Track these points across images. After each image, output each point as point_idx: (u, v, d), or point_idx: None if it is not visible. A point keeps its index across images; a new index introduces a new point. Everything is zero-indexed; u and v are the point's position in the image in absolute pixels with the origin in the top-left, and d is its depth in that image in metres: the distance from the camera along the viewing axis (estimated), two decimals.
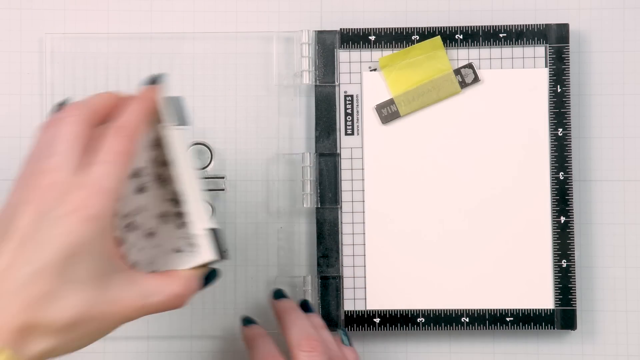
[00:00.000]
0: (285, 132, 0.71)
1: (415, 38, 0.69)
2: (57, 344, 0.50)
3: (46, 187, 0.50)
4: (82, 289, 0.50)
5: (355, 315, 0.69)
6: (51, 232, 0.49)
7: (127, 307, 0.53)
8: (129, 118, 0.53)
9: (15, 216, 0.50)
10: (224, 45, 0.71)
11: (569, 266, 0.68)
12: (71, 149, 0.51)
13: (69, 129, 0.52)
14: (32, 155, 0.53)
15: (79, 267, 0.50)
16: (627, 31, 0.71)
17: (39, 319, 0.49)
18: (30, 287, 0.49)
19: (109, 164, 0.51)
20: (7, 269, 0.49)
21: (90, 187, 0.50)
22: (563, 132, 0.69)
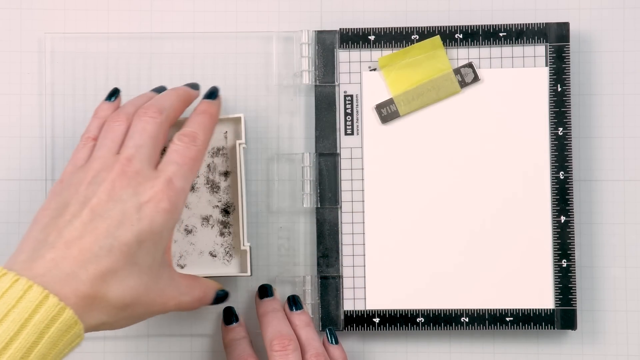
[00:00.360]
0: (285, 132, 0.71)
1: (415, 38, 0.69)
2: (109, 320, 0.54)
3: (126, 172, 0.56)
4: (142, 274, 0.55)
5: (355, 315, 0.69)
6: (130, 213, 0.54)
7: (169, 301, 0.58)
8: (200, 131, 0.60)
9: (93, 190, 0.55)
10: (224, 45, 0.71)
11: (569, 266, 0.68)
12: (151, 146, 0.58)
13: (150, 128, 0.58)
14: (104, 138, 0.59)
15: (144, 254, 0.55)
16: (627, 31, 0.71)
17: (103, 293, 0.52)
18: (102, 261, 0.52)
19: (182, 167, 0.57)
20: (83, 235, 0.53)
21: (165, 183, 0.56)
22: (563, 132, 0.69)
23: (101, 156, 0.57)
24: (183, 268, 0.67)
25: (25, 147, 0.71)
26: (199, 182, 0.67)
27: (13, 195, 0.70)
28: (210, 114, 0.62)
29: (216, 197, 0.67)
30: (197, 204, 0.67)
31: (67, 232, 0.53)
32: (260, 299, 0.69)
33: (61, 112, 0.71)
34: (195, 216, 0.67)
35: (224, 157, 0.68)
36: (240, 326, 0.69)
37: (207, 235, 0.67)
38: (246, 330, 0.69)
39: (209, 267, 0.67)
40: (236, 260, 0.67)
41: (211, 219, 0.67)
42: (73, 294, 0.51)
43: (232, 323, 0.68)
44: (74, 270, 0.52)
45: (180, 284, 0.60)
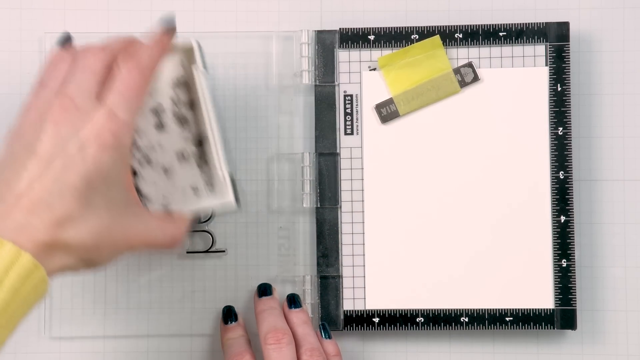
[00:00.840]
0: (285, 132, 0.71)
1: (414, 37, 0.69)
2: (73, 262, 0.53)
3: (67, 109, 0.53)
4: (99, 215, 0.53)
5: (355, 314, 0.69)
6: (74, 154, 0.52)
7: (134, 238, 0.56)
8: (143, 56, 0.56)
9: (40, 132, 0.53)
10: (224, 45, 0.71)
11: (569, 266, 0.68)
12: (92, 79, 0.55)
13: (90, 63, 0.55)
14: (48, 79, 0.56)
15: (98, 194, 0.53)
16: (627, 31, 0.71)
17: (60, 239, 0.51)
18: (54, 207, 0.51)
19: (124, 97, 0.54)
20: (32, 184, 0.52)
21: (107, 116, 0.53)
22: (563, 131, 0.69)
23: (42, 96, 0.55)
24: (168, 207, 0.63)
25: None
26: (167, 117, 0.63)
27: None
28: (160, 43, 0.58)
29: (187, 129, 0.63)
30: (169, 140, 0.63)
31: (15, 184, 0.52)
32: (258, 297, 0.69)
33: None
34: (170, 153, 0.63)
35: (185, 86, 0.63)
36: (239, 325, 0.69)
37: (185, 171, 0.63)
38: (245, 330, 0.69)
39: (193, 202, 0.63)
40: (219, 191, 0.63)
41: (186, 153, 0.63)
42: (30, 242, 0.50)
43: (231, 322, 0.68)
44: (28, 220, 0.51)
45: (148, 221, 0.58)
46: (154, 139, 0.63)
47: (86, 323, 0.70)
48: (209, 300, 0.70)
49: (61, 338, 0.70)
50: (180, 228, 0.60)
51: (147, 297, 0.71)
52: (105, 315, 0.70)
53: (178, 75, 0.63)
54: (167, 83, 0.63)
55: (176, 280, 0.71)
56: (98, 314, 0.70)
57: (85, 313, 0.70)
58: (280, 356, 0.62)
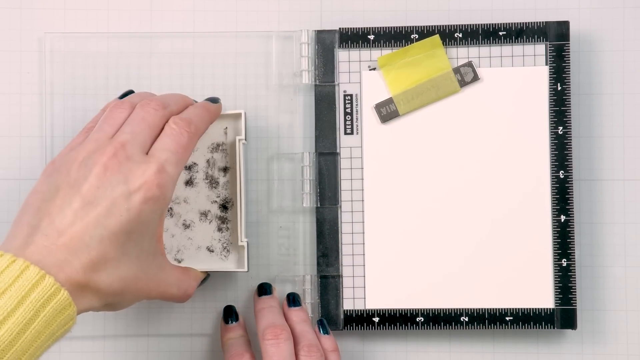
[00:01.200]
0: (284, 132, 0.71)
1: (414, 37, 0.69)
2: (97, 305, 0.55)
3: (118, 156, 0.55)
4: (131, 263, 0.55)
5: (355, 314, 0.69)
6: (118, 200, 0.54)
7: (154, 289, 0.58)
8: (195, 119, 0.60)
9: (89, 174, 0.55)
10: (224, 45, 0.71)
11: (569, 265, 0.68)
12: (147, 134, 0.57)
13: (150, 118, 0.58)
14: (104, 124, 0.58)
15: (133, 243, 0.55)
16: (627, 31, 0.71)
17: (94, 281, 0.53)
18: (93, 250, 0.53)
19: (174, 154, 0.57)
20: (75, 223, 0.53)
21: (156, 170, 0.56)
22: (563, 131, 0.69)
23: (96, 139, 0.57)
24: (180, 262, 0.67)
25: (25, 146, 0.71)
26: (198, 177, 0.68)
27: (13, 195, 0.71)
28: (208, 109, 0.63)
29: (215, 192, 0.68)
30: (195, 199, 0.68)
31: (58, 219, 0.53)
32: (258, 296, 0.69)
33: (61, 111, 0.71)
34: (194, 211, 0.68)
35: (223, 152, 0.68)
36: (240, 326, 0.69)
37: (205, 230, 0.68)
38: (245, 330, 0.69)
39: (206, 262, 0.67)
40: (233, 256, 0.68)
41: (209, 214, 0.68)
42: (66, 280, 0.52)
43: (232, 322, 0.68)
44: (67, 258, 0.52)
45: (170, 274, 0.60)
46: (182, 194, 0.67)
47: (86, 323, 0.70)
48: (209, 300, 0.70)
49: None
50: (194, 284, 0.63)
51: None
52: (105, 315, 0.70)
53: (219, 141, 0.68)
54: (207, 145, 0.67)
55: None
56: (98, 313, 0.70)
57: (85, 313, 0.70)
58: (278, 351, 0.63)
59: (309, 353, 0.64)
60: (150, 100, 0.60)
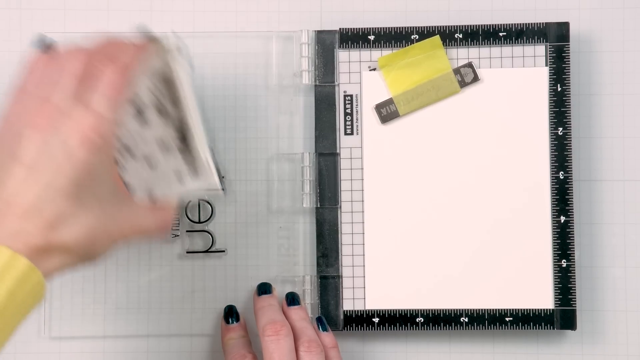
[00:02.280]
0: (284, 132, 0.71)
1: (414, 37, 0.69)
2: (70, 260, 0.53)
3: (49, 112, 0.53)
4: (91, 212, 0.53)
5: (355, 315, 0.69)
6: (60, 157, 0.52)
7: (127, 228, 0.57)
8: (124, 56, 0.56)
9: (20, 138, 0.53)
10: (224, 45, 0.71)
11: (569, 266, 0.68)
12: (71, 81, 0.54)
13: (70, 65, 0.55)
14: (30, 84, 0.56)
15: (87, 192, 0.53)
16: (627, 31, 0.71)
17: (54, 241, 0.52)
18: (45, 210, 0.51)
19: (107, 96, 0.54)
20: (21, 190, 0.52)
21: (91, 115, 0.53)
22: (563, 131, 0.69)
23: (23, 101, 0.55)
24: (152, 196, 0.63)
25: None
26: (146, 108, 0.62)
27: None
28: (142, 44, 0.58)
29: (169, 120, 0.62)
30: (150, 130, 0.62)
31: (4, 192, 0.52)
32: (258, 296, 0.69)
33: None
34: (152, 143, 0.63)
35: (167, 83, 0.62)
36: (240, 326, 0.69)
37: (168, 159, 0.63)
38: (246, 330, 0.69)
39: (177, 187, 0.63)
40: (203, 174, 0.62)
41: (168, 142, 0.63)
42: (25, 247, 0.51)
43: (232, 322, 0.68)
44: (21, 226, 0.51)
45: (138, 210, 0.58)
46: (134, 129, 0.62)
47: (86, 323, 0.70)
48: (209, 300, 0.71)
49: (61, 338, 0.71)
50: (168, 213, 0.60)
51: (147, 297, 0.71)
52: (105, 315, 0.70)
53: (160, 71, 0.62)
54: (150, 78, 0.62)
55: (176, 280, 0.71)
56: (98, 314, 0.70)
57: (85, 313, 0.70)
58: (278, 347, 0.63)
59: (309, 349, 0.64)
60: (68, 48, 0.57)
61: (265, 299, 0.68)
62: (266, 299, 0.68)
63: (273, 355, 0.62)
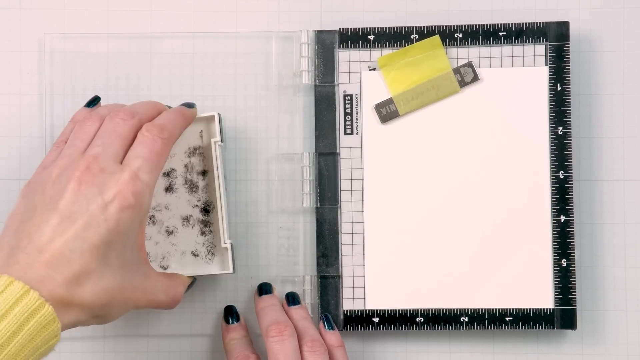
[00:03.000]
0: (284, 132, 0.71)
1: (414, 37, 0.69)
2: (83, 318, 0.54)
3: (92, 169, 0.55)
4: (115, 274, 0.55)
5: (355, 314, 0.69)
6: (96, 212, 0.54)
7: (142, 298, 0.59)
8: (168, 124, 0.60)
9: (59, 190, 0.55)
10: (224, 45, 0.71)
11: (569, 266, 0.68)
12: (118, 143, 0.57)
13: (119, 127, 0.58)
14: (74, 139, 0.59)
15: (114, 254, 0.55)
16: (627, 31, 0.71)
17: (76, 295, 0.53)
18: (74, 264, 0.53)
19: (147, 161, 0.57)
20: (54, 239, 0.53)
21: (130, 178, 0.56)
22: (563, 131, 0.69)
23: (68, 155, 0.57)
24: (166, 269, 0.67)
25: (25, 146, 0.71)
26: (178, 182, 0.67)
27: (13, 195, 0.70)
28: (183, 113, 0.63)
29: (195, 196, 0.67)
30: (176, 204, 0.67)
31: (37, 237, 0.53)
32: (259, 296, 0.69)
33: (61, 112, 0.71)
34: (176, 217, 0.67)
35: (200, 156, 0.67)
36: (241, 326, 0.69)
37: (188, 235, 0.67)
38: (247, 330, 0.69)
39: (191, 267, 0.67)
40: (218, 259, 0.67)
41: (191, 219, 0.67)
42: (49, 295, 0.52)
43: (233, 322, 0.68)
44: (49, 273, 0.52)
45: (155, 281, 0.60)
46: (162, 200, 0.67)
47: None
48: (208, 301, 0.70)
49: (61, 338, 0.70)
50: (181, 290, 0.63)
51: None
52: None
53: (195, 144, 0.67)
54: (184, 150, 0.67)
55: None
56: None
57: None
58: (283, 348, 0.62)
59: (312, 348, 0.64)
60: (119, 110, 0.60)
61: (267, 299, 0.68)
62: (267, 299, 0.68)
63: (278, 356, 0.62)
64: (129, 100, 0.68)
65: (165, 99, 0.70)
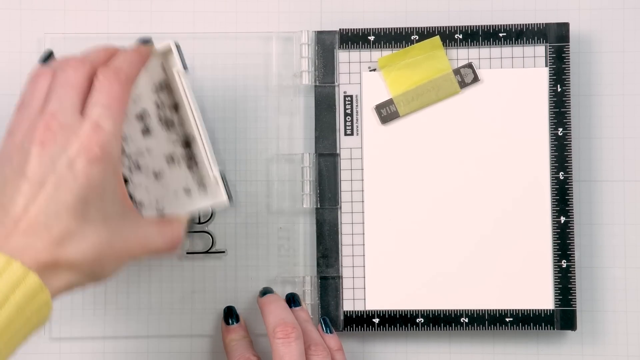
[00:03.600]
0: (284, 133, 0.71)
1: (414, 38, 0.69)
2: (78, 279, 0.53)
3: (51, 127, 0.53)
4: (97, 229, 0.53)
5: (355, 315, 0.69)
6: (65, 173, 0.52)
7: (135, 247, 0.56)
8: (124, 65, 0.56)
9: (27, 155, 0.53)
10: (224, 45, 0.71)
11: (569, 266, 0.68)
12: (73, 94, 0.54)
13: (71, 77, 0.55)
14: (30, 98, 0.56)
15: (93, 207, 0.53)
16: (627, 31, 0.71)
17: (61, 257, 0.52)
18: (52, 227, 0.52)
19: (107, 108, 0.54)
20: (28, 207, 0.52)
21: (92, 129, 0.53)
22: (563, 132, 0.69)
23: (26, 116, 0.55)
24: (163, 211, 0.64)
25: None
26: (152, 122, 0.63)
27: None
28: (138, 51, 0.59)
29: (173, 132, 0.63)
30: (157, 145, 0.63)
31: (11, 208, 0.52)
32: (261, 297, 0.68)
33: None
34: (159, 158, 0.63)
35: (168, 89, 0.63)
36: (241, 327, 0.69)
37: (176, 173, 0.64)
38: (247, 330, 0.69)
39: (187, 204, 0.64)
40: (212, 190, 0.63)
41: (175, 156, 0.64)
42: (33, 262, 0.50)
43: (233, 323, 0.68)
44: (28, 241, 0.51)
45: (147, 228, 0.58)
46: (142, 144, 0.63)
47: (86, 323, 0.70)
48: (208, 301, 0.70)
49: (61, 339, 0.71)
50: (178, 230, 0.60)
51: (147, 298, 0.71)
52: (105, 315, 0.70)
53: (160, 79, 0.63)
54: (150, 88, 0.63)
55: (176, 281, 0.71)
56: (98, 314, 0.70)
57: (85, 314, 0.70)
58: (289, 351, 0.62)
59: (316, 352, 0.64)
60: (68, 59, 0.57)
61: (270, 296, 0.68)
62: (271, 296, 0.68)
63: (284, 357, 0.62)
64: None
65: None
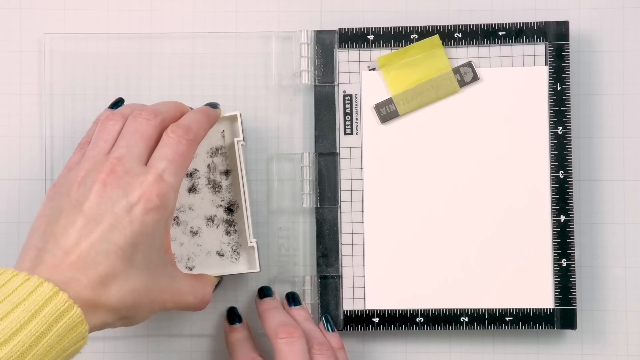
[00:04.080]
0: (284, 132, 0.71)
1: (414, 37, 0.69)
2: (112, 320, 0.55)
3: (116, 171, 0.56)
4: (140, 275, 0.55)
5: (355, 314, 0.69)
6: (121, 215, 0.54)
7: (169, 299, 0.59)
8: (193, 125, 0.60)
9: (85, 192, 0.55)
10: (223, 45, 0.71)
11: (569, 265, 0.68)
12: (142, 144, 0.57)
13: (142, 127, 0.58)
14: (97, 140, 0.59)
15: (140, 255, 0.55)
16: (627, 31, 0.71)
17: (102, 298, 0.53)
18: (99, 265, 0.53)
19: (172, 162, 0.57)
20: (80, 241, 0.54)
21: (154, 180, 0.56)
22: (563, 131, 0.69)
23: (92, 156, 0.57)
24: (192, 270, 0.67)
25: (25, 147, 0.71)
26: (201, 183, 0.67)
27: (13, 195, 0.71)
28: (208, 114, 0.62)
29: (219, 196, 0.68)
30: (200, 204, 0.68)
31: (63, 239, 0.54)
32: (260, 299, 0.69)
33: (61, 112, 0.71)
34: (200, 217, 0.67)
35: (223, 156, 0.68)
36: (244, 326, 0.69)
37: (213, 235, 0.68)
38: (249, 330, 0.69)
39: (217, 267, 0.67)
40: (244, 258, 0.68)
41: (216, 219, 0.68)
42: (76, 297, 0.52)
43: (236, 323, 0.68)
44: (75, 275, 0.53)
45: (182, 283, 0.60)
46: (186, 201, 0.67)
47: None
48: None
49: None
50: (209, 290, 0.63)
51: None
52: None
53: (217, 145, 0.68)
54: (206, 150, 0.67)
55: None
56: None
57: None
58: (292, 350, 0.62)
59: (321, 351, 0.64)
60: (141, 110, 0.60)
61: (269, 301, 0.68)
62: (269, 301, 0.68)
63: (287, 357, 0.62)
64: (129, 100, 0.68)
65: (165, 99, 0.69)
